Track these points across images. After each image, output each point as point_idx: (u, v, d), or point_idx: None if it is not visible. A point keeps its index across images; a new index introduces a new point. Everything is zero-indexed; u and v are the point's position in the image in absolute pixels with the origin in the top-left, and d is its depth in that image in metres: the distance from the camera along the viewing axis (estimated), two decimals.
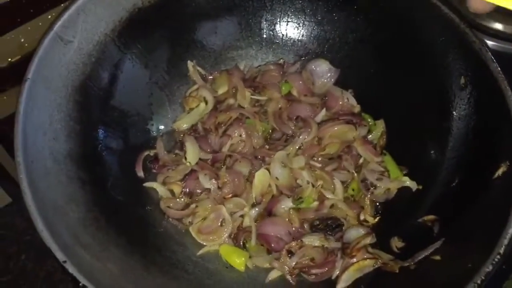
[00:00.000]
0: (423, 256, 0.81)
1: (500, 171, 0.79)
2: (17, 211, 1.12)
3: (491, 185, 0.80)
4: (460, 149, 0.89)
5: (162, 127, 1.01)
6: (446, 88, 0.92)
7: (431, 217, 0.86)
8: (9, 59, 0.98)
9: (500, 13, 1.21)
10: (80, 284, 0.63)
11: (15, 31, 0.95)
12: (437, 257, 0.79)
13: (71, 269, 0.64)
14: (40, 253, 1.05)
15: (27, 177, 0.70)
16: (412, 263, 0.81)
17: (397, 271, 0.82)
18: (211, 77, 1.07)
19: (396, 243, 0.87)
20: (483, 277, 0.68)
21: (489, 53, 0.86)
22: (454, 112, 0.91)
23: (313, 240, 0.87)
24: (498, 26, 1.20)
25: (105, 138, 0.90)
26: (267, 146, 1.00)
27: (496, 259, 0.69)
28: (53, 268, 1.06)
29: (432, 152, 0.94)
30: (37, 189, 0.71)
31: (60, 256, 0.65)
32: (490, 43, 1.18)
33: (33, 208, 0.68)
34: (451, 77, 0.92)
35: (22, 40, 0.98)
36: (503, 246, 0.70)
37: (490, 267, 0.68)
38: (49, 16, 0.99)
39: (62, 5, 0.97)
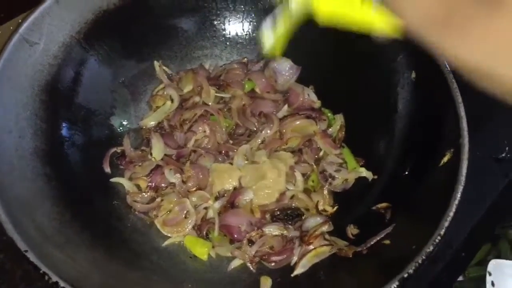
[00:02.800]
0: (375, 241, 0.85)
1: (445, 159, 0.84)
2: None
3: (437, 172, 0.84)
4: (408, 140, 0.94)
5: (126, 123, 1.04)
6: (397, 82, 0.97)
7: (384, 204, 0.91)
8: None
9: None
10: (41, 271, 0.66)
11: None
12: (387, 241, 0.83)
13: (32, 257, 0.67)
14: (18, 252, 1.06)
15: None
16: (364, 248, 0.85)
17: (351, 256, 0.86)
18: (177, 76, 1.11)
19: (352, 230, 0.91)
20: (424, 257, 0.72)
21: None
22: (402, 105, 0.96)
23: (273, 230, 0.91)
24: None
25: (71, 135, 0.93)
26: (231, 141, 1.04)
27: (437, 240, 0.73)
28: (31, 267, 1.08)
29: (384, 143, 0.98)
30: (2, 184, 0.74)
31: (21, 246, 0.68)
32: None
33: None
34: (402, 71, 0.97)
35: None
36: (444, 228, 0.74)
37: (431, 247, 0.73)
38: (20, 20, 1.01)
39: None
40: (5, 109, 0.82)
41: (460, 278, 1.25)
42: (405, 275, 0.70)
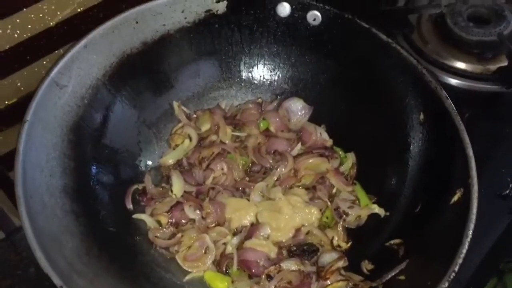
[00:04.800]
0: (390, 276, 0.88)
1: (455, 197, 0.88)
2: (9, 246, 1.15)
3: (448, 210, 0.88)
4: (420, 178, 0.98)
5: (150, 162, 1.09)
6: (406, 123, 1.02)
7: (397, 241, 0.94)
8: (6, 102, 1.04)
9: (461, 52, 1.33)
10: None
11: (12, 76, 1.02)
12: (402, 277, 0.87)
13: None
14: (33, 286, 1.08)
15: (26, 210, 0.77)
16: (380, 283, 0.88)
17: None
18: (195, 115, 1.15)
19: (366, 265, 0.94)
20: None
21: (444, 91, 0.96)
22: (413, 145, 1.01)
23: (290, 265, 0.94)
24: (460, 64, 1.31)
25: (97, 173, 0.97)
26: (247, 178, 1.08)
27: (451, 276, 0.77)
28: None
29: (396, 181, 1.02)
30: (35, 221, 0.78)
31: (57, 281, 0.71)
32: (453, 81, 1.29)
33: (32, 239, 0.74)
34: (410, 113, 1.02)
35: (19, 84, 1.05)
36: (458, 265, 0.78)
37: (446, 284, 0.76)
38: (44, 62, 1.06)
39: (56, 51, 1.05)
40: (37, 149, 0.86)
41: None
42: None
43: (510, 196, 1.16)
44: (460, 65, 1.32)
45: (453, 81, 1.29)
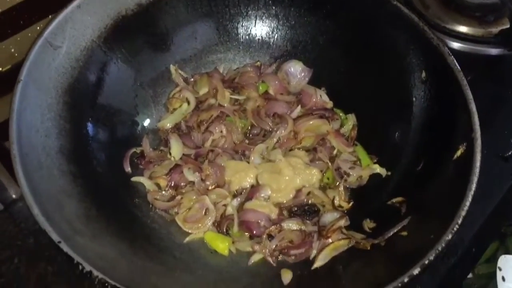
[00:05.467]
0: (392, 233, 0.87)
1: (458, 153, 0.87)
2: (8, 217, 1.14)
3: (451, 165, 0.87)
4: (423, 136, 0.97)
5: (147, 123, 1.08)
6: (408, 82, 1.00)
7: (399, 199, 0.93)
8: (0, 69, 1.03)
9: (463, 16, 1.31)
10: (75, 262, 0.68)
11: (5, 42, 1.00)
12: (404, 233, 0.86)
13: (65, 248, 0.69)
14: (32, 257, 1.07)
15: (22, 168, 0.76)
16: (382, 240, 0.88)
17: (369, 248, 0.88)
18: (192, 79, 1.14)
19: (368, 224, 0.94)
20: (443, 244, 0.74)
21: (446, 48, 0.94)
22: (415, 103, 0.99)
23: (292, 225, 0.94)
24: (462, 28, 1.29)
25: (94, 135, 0.96)
26: (246, 141, 1.07)
27: (454, 228, 0.76)
28: (44, 271, 1.08)
29: (398, 140, 1.01)
30: (31, 180, 0.76)
31: (55, 237, 0.70)
32: (455, 44, 1.27)
33: (28, 195, 0.73)
34: (412, 71, 1.00)
35: (13, 50, 1.04)
36: (461, 217, 0.77)
37: (450, 236, 0.75)
38: (38, 27, 1.04)
39: (50, 16, 1.03)
40: (31, 109, 0.85)
41: (470, 276, 1.28)
42: (426, 262, 0.73)
43: None
44: (462, 28, 1.30)
45: (455, 45, 1.28)
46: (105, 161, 0.96)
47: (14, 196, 1.14)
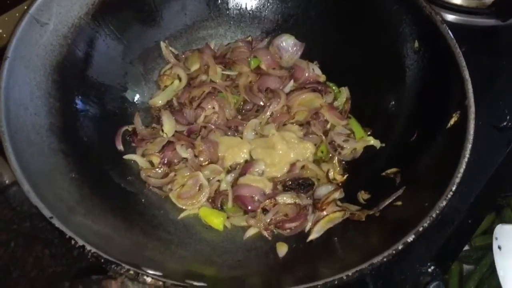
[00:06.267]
0: (387, 203, 0.87)
1: (452, 121, 0.86)
2: (3, 202, 1.14)
3: (445, 134, 0.87)
4: (417, 106, 0.96)
5: (138, 102, 1.06)
6: (402, 52, 0.99)
7: (393, 169, 0.93)
8: None
9: None
10: (67, 236, 0.68)
11: None
12: (399, 203, 0.86)
13: (57, 223, 0.69)
14: (28, 240, 1.07)
15: (11, 145, 0.75)
16: (377, 211, 0.87)
17: (364, 219, 0.88)
18: (183, 56, 1.12)
19: (363, 195, 0.93)
20: (438, 211, 0.74)
21: (438, 16, 0.93)
22: (410, 73, 0.98)
23: (286, 198, 0.93)
24: (456, 0, 1.28)
25: (84, 114, 0.95)
26: (239, 117, 1.06)
27: (449, 195, 0.76)
28: (41, 254, 1.08)
29: (391, 111, 1.00)
30: (21, 157, 0.76)
31: (46, 212, 0.69)
32: (449, 16, 1.26)
33: (18, 172, 0.72)
34: (405, 41, 0.99)
35: (0, 31, 1.02)
36: (455, 184, 0.77)
37: (444, 202, 0.75)
38: (25, 7, 1.02)
39: None
40: (20, 87, 0.83)
41: (466, 248, 1.28)
42: (420, 229, 0.72)
43: (508, 128, 1.15)
44: (456, 0, 1.29)
45: (449, 17, 1.27)
46: (97, 139, 0.95)
47: (7, 181, 1.13)
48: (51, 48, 0.91)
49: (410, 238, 0.72)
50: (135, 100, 1.05)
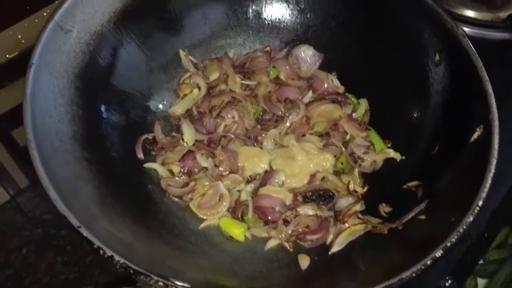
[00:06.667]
0: (409, 217, 0.87)
1: (475, 135, 0.86)
2: (15, 207, 1.13)
3: (468, 148, 0.87)
4: (438, 119, 0.96)
5: (158, 110, 1.06)
6: (423, 65, 0.99)
7: (415, 183, 0.93)
8: (7, 56, 1.01)
9: (471, 0, 1.30)
10: (95, 246, 0.67)
11: (12, 28, 0.98)
12: (422, 217, 0.86)
13: (85, 233, 0.68)
14: (40, 246, 1.07)
15: (38, 153, 0.74)
16: (399, 224, 0.87)
17: (386, 233, 0.87)
18: (202, 65, 1.12)
19: (384, 208, 0.93)
20: (465, 227, 0.74)
21: (460, 30, 0.93)
22: (431, 86, 0.98)
23: (307, 210, 0.93)
24: (470, 13, 1.29)
25: (106, 122, 0.94)
26: (259, 127, 1.06)
27: (476, 210, 0.75)
28: (53, 260, 1.08)
29: (412, 124, 1.00)
30: (48, 165, 0.75)
31: (74, 222, 0.69)
32: (465, 29, 1.25)
33: (45, 180, 0.71)
34: (426, 54, 0.99)
35: (19, 36, 1.01)
36: (482, 199, 0.77)
37: (471, 218, 0.75)
38: (45, 13, 1.02)
39: (56, 1, 1.01)
40: (44, 94, 0.83)
41: (481, 262, 1.29)
42: (448, 244, 0.72)
43: None
44: (470, 13, 1.30)
45: (464, 30, 1.27)
46: (119, 147, 0.94)
47: (20, 186, 1.13)
48: (74, 55, 0.91)
49: (438, 253, 0.71)
50: (156, 109, 1.05)
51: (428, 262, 0.71)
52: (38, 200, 1.12)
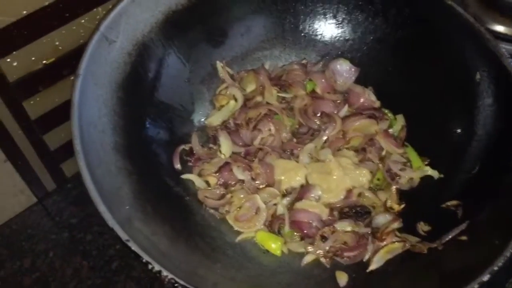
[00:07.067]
0: (450, 237, 0.86)
1: None
2: (42, 210, 1.14)
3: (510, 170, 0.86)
4: (477, 139, 0.95)
5: (195, 121, 1.07)
6: (460, 83, 0.99)
7: (454, 202, 0.92)
8: (44, 61, 1.02)
9: (502, 16, 1.28)
10: (144, 260, 0.68)
11: (50, 35, 0.99)
12: (464, 237, 0.85)
13: (134, 247, 0.68)
14: (67, 251, 1.07)
15: (85, 164, 0.75)
16: (439, 244, 0.86)
17: (425, 252, 0.87)
18: (238, 76, 1.13)
19: (423, 227, 0.92)
20: (511, 250, 0.73)
21: (504, 50, 0.93)
22: (468, 105, 0.97)
23: (345, 226, 0.93)
24: (502, 28, 1.27)
25: (148, 131, 0.95)
26: (294, 140, 1.06)
27: None
28: (80, 265, 1.08)
29: (451, 142, 0.99)
30: (94, 177, 0.75)
31: (123, 235, 0.69)
32: None
33: (94, 192, 0.72)
34: (467, 72, 0.98)
35: (57, 43, 1.02)
36: None
37: None
38: (82, 21, 1.03)
39: (95, 10, 1.02)
40: (90, 104, 0.84)
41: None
42: (496, 268, 0.71)
43: None
44: (501, 28, 1.28)
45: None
46: (157, 158, 0.95)
47: (48, 189, 1.14)
48: (116, 65, 0.92)
49: (485, 278, 0.71)
50: (194, 121, 1.05)
51: (476, 286, 0.70)
52: (65, 204, 1.13)
